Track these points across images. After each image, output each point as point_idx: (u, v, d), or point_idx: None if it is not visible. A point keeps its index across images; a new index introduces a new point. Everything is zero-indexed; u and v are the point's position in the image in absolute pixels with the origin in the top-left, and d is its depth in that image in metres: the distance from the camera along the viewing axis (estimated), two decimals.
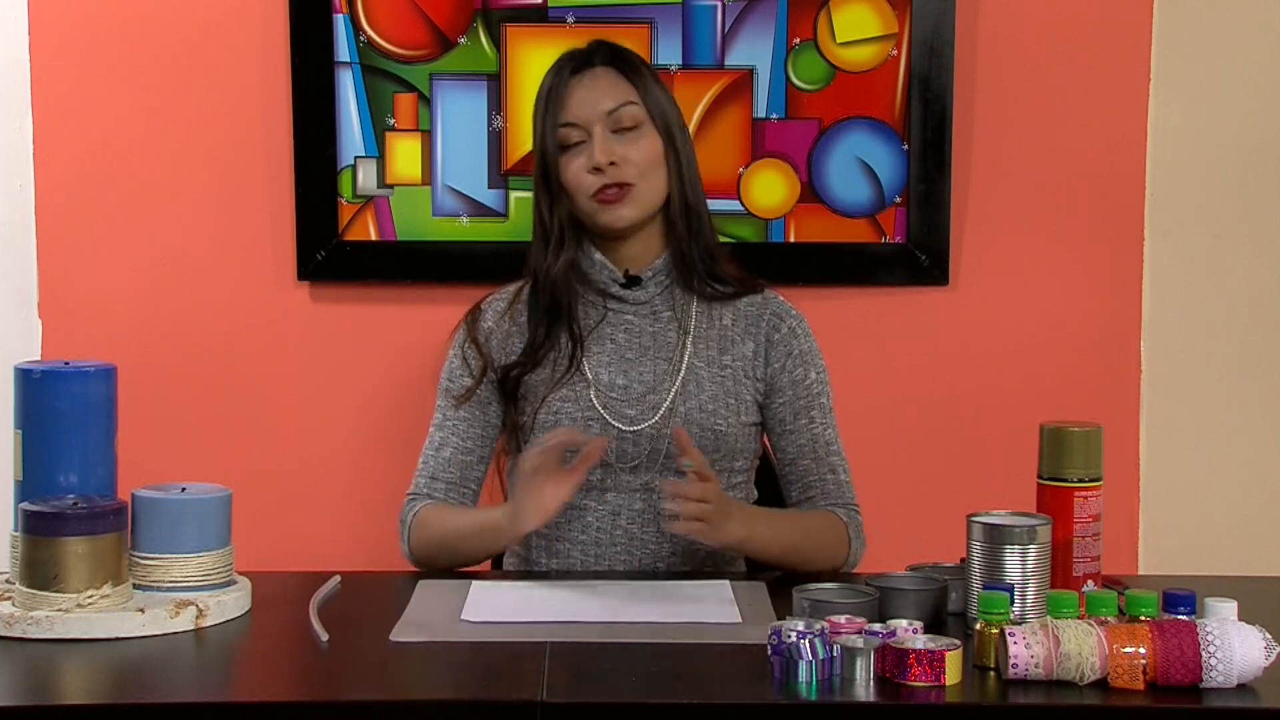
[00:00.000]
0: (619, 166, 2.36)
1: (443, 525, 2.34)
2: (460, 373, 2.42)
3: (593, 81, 2.40)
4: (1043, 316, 3.05)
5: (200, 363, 3.01)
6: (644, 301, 2.42)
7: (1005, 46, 3.01)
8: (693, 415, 2.35)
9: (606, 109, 2.38)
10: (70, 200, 2.99)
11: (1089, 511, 2.06)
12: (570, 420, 2.35)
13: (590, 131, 2.37)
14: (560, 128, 2.39)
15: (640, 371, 2.38)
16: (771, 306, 2.45)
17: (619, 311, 2.42)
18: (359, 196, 2.97)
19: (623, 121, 2.38)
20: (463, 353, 2.43)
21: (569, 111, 2.38)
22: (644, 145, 2.38)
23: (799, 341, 2.43)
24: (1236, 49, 3.03)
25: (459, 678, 1.84)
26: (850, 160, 2.99)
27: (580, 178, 2.37)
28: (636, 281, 2.42)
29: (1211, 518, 3.09)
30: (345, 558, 2.92)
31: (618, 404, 2.36)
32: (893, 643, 1.75)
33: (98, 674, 1.84)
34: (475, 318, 2.46)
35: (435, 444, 2.42)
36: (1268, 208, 3.05)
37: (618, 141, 2.37)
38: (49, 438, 2.02)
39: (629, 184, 2.36)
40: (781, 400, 2.41)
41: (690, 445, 2.19)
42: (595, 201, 2.37)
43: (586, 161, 2.36)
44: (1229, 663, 1.72)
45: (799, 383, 2.41)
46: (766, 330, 2.43)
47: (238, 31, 2.96)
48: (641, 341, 2.40)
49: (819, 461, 2.40)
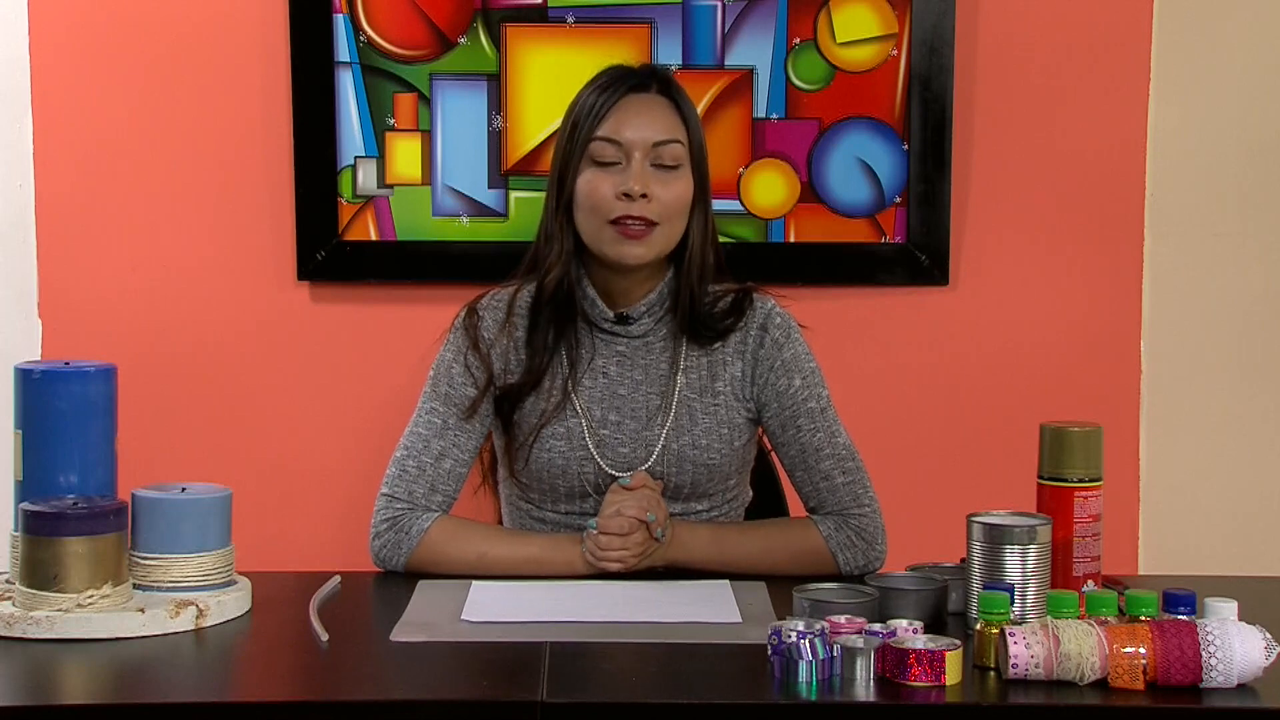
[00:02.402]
0: (650, 202, 2.28)
1: (478, 547, 2.25)
2: (463, 381, 2.34)
3: (647, 107, 2.32)
4: (1043, 316, 3.05)
5: (200, 363, 3.02)
6: (637, 335, 2.36)
7: (1005, 46, 3.01)
8: (686, 452, 2.32)
9: (654, 139, 2.29)
10: (70, 200, 2.99)
11: (1089, 511, 2.06)
12: (563, 459, 2.32)
13: (630, 156, 2.29)
14: (598, 140, 2.29)
15: (633, 407, 2.34)
16: (758, 318, 2.38)
17: (610, 343, 2.36)
18: (359, 196, 2.97)
19: (664, 158, 2.30)
20: (465, 360, 2.35)
21: (615, 128, 2.29)
22: (678, 188, 2.30)
23: (782, 351, 2.36)
24: (1236, 49, 3.03)
25: (459, 678, 1.84)
26: (850, 160, 2.99)
27: (605, 198, 2.28)
28: (627, 320, 2.36)
29: (1211, 518, 3.09)
30: (345, 558, 2.92)
31: (611, 442, 2.32)
32: (893, 643, 1.75)
33: (98, 674, 1.84)
34: (474, 321, 2.37)
35: (434, 452, 2.32)
36: (1268, 208, 3.05)
37: (654, 176, 2.29)
38: (49, 438, 2.02)
39: (653, 223, 2.29)
40: (769, 414, 2.36)
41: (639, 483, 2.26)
42: (613, 228, 2.28)
43: (618, 184, 2.28)
44: (1229, 663, 1.72)
45: (783, 394, 2.35)
46: (753, 346, 2.37)
47: (238, 31, 2.97)
48: (634, 375, 2.35)
49: (810, 471, 2.33)
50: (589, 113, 2.31)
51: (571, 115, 2.34)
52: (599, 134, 2.30)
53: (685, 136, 2.32)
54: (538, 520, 2.37)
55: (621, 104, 2.31)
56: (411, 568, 2.28)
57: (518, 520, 2.40)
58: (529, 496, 2.38)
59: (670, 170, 2.30)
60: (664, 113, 2.32)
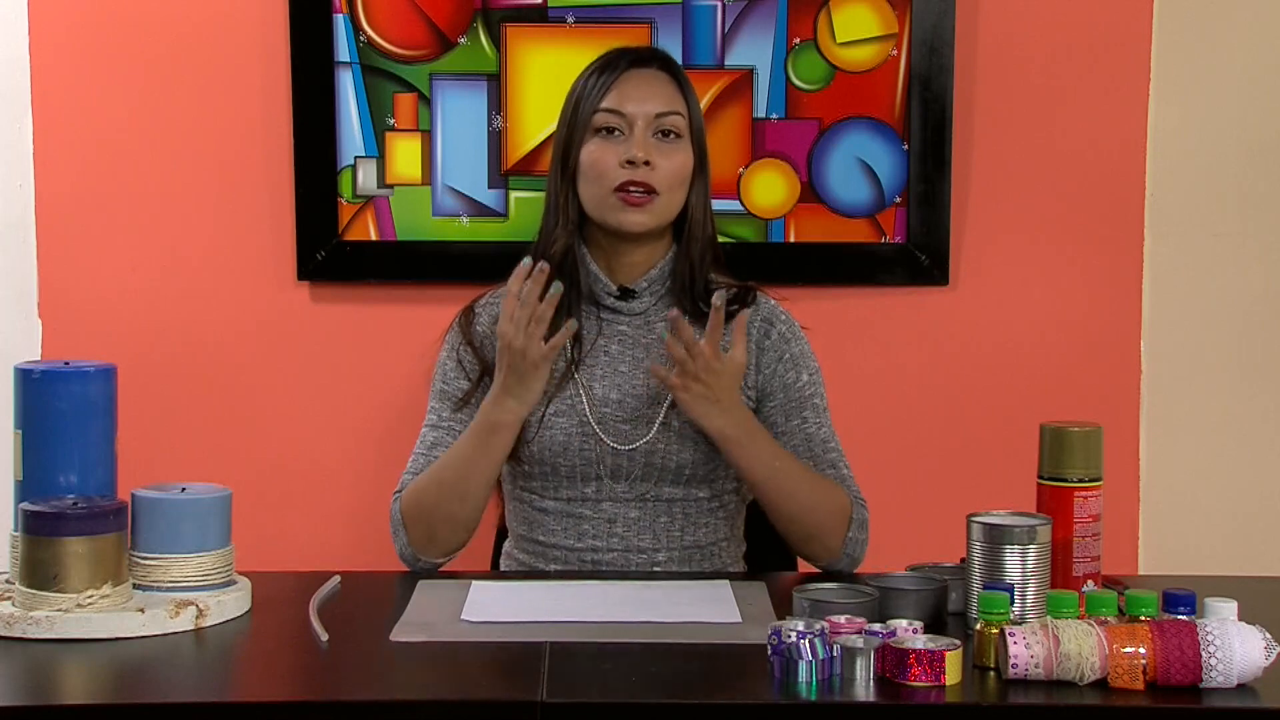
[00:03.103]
0: (653, 170, 2.34)
1: (426, 479, 2.30)
2: (455, 375, 2.41)
3: (649, 80, 2.39)
4: (1043, 316, 3.05)
5: (200, 363, 3.01)
6: (639, 312, 2.40)
7: (1005, 46, 3.01)
8: (686, 431, 2.34)
9: (656, 110, 2.36)
10: (70, 200, 2.99)
11: (1089, 511, 2.06)
12: (565, 435, 2.33)
13: (633, 126, 2.35)
14: (602, 111, 2.36)
15: (633, 385, 2.37)
16: (762, 312, 2.43)
17: (612, 322, 2.40)
18: (359, 196, 2.97)
19: (665, 129, 2.36)
20: (458, 355, 2.41)
21: (618, 99, 2.36)
22: (678, 159, 2.37)
23: (789, 346, 2.41)
24: (1236, 49, 3.03)
25: (459, 678, 1.84)
26: (850, 160, 2.99)
27: (609, 166, 2.34)
28: (630, 294, 2.40)
29: (1211, 518, 3.09)
30: (345, 558, 2.92)
31: (612, 420, 2.35)
32: (893, 643, 1.75)
33: (98, 674, 1.84)
34: (469, 320, 2.43)
35: (428, 443, 2.38)
36: (1268, 208, 3.05)
37: (656, 146, 2.35)
38: (49, 438, 2.02)
39: (655, 191, 2.34)
40: (773, 404, 2.39)
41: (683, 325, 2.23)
42: (616, 196, 2.34)
43: (621, 153, 2.34)
44: (1229, 663, 1.72)
45: (790, 386, 2.39)
46: (757, 337, 2.40)
47: (238, 31, 2.97)
48: (635, 353, 2.39)
49: (817, 459, 2.37)
50: (593, 87, 2.38)
51: (575, 93, 2.41)
52: (603, 106, 2.37)
53: (685, 109, 2.39)
54: (540, 510, 2.39)
55: (624, 78, 2.38)
56: (414, 539, 2.31)
57: (521, 512, 2.42)
58: (530, 485, 2.39)
59: (672, 141, 2.37)
60: (665, 86, 2.39)
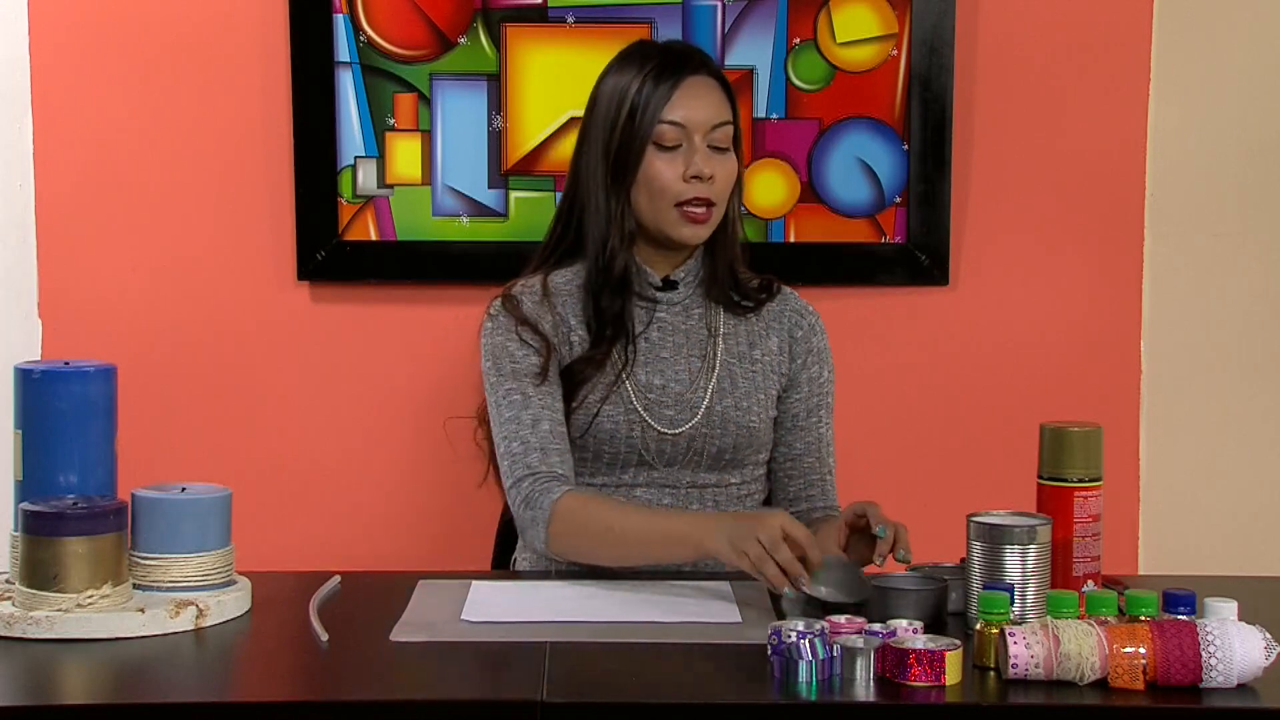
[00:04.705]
0: (714, 183, 2.32)
1: (607, 519, 2.20)
2: (524, 354, 2.33)
3: (705, 89, 2.34)
4: (1043, 316, 3.05)
5: (200, 363, 3.01)
6: (677, 301, 2.40)
7: (1005, 46, 3.01)
8: (729, 414, 2.35)
9: (713, 122, 2.32)
10: (70, 200, 2.99)
11: (1089, 511, 2.06)
12: (612, 423, 2.33)
13: (690, 139, 2.32)
14: (664, 124, 2.31)
15: (676, 370, 2.37)
16: (791, 303, 2.46)
17: (649, 309, 2.39)
18: (359, 196, 2.97)
19: (718, 140, 2.33)
20: (519, 335, 2.34)
21: (679, 111, 2.31)
22: (730, 168, 2.35)
23: (817, 339, 2.45)
24: (1236, 49, 3.03)
25: (459, 678, 1.84)
26: (850, 160, 2.99)
27: (673, 180, 2.31)
28: (673, 285, 2.40)
29: (1211, 518, 3.09)
30: (345, 558, 2.92)
31: (657, 405, 2.35)
32: (893, 643, 1.75)
33: (98, 674, 1.84)
34: (514, 304, 2.36)
35: (527, 423, 2.29)
36: (1268, 208, 3.05)
37: (712, 157, 2.33)
38: (49, 438, 2.02)
39: (714, 204, 2.33)
40: (798, 396, 2.42)
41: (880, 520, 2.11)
42: (679, 212, 2.31)
43: (683, 168, 2.31)
44: (1229, 663, 1.72)
45: (814, 380, 2.43)
46: (789, 326, 2.44)
47: (238, 31, 2.96)
48: (675, 339, 2.39)
49: (821, 461, 2.42)
50: (650, 95, 2.32)
51: (626, 98, 2.33)
52: (665, 118, 2.32)
53: (732, 118, 2.37)
54: None
55: (683, 87, 2.33)
56: (558, 548, 2.23)
57: None
58: None
59: (724, 152, 2.35)
60: (718, 95, 2.36)
